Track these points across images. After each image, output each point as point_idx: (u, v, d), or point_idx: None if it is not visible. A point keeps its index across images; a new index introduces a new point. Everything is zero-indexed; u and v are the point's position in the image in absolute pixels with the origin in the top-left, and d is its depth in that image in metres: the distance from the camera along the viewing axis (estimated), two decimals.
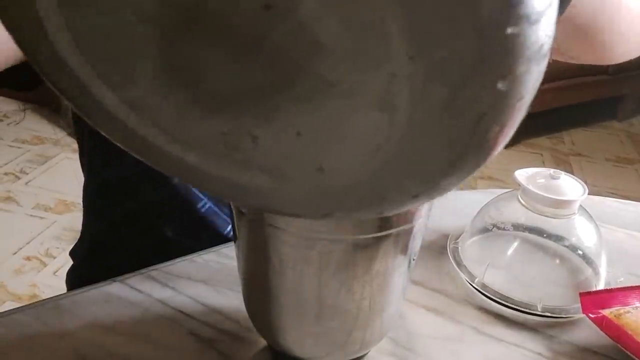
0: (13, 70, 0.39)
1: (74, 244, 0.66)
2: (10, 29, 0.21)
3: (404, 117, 0.18)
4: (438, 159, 0.19)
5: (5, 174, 1.97)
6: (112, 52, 0.20)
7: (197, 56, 0.18)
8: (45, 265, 1.55)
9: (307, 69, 0.17)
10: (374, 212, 0.23)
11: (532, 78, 0.16)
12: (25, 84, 0.44)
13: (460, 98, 0.16)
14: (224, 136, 0.21)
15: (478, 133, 0.17)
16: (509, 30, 0.15)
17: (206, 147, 0.22)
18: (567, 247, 0.48)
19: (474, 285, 0.46)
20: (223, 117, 0.20)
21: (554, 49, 0.41)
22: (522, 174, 0.47)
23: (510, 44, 0.15)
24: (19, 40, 0.21)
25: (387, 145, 0.19)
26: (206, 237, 0.57)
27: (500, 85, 0.16)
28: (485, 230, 0.50)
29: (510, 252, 0.48)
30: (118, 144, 0.25)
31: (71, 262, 0.66)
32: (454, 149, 0.18)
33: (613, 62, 0.44)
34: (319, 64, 0.17)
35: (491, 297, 0.45)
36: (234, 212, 0.33)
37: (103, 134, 0.24)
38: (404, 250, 0.32)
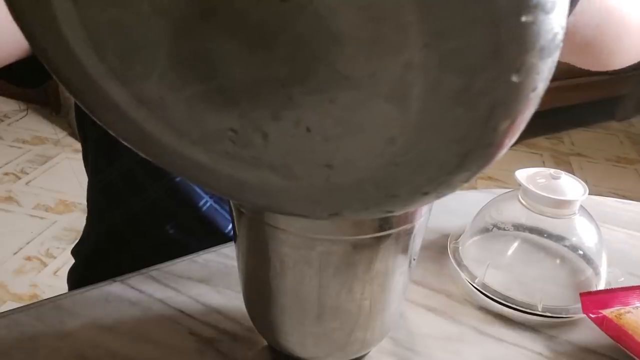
0: (17, 66, 0.39)
1: (74, 243, 0.66)
2: (20, 22, 0.21)
3: (417, 108, 0.18)
4: (450, 152, 0.19)
5: (6, 174, 1.97)
6: (125, 46, 0.20)
7: (212, 49, 0.18)
8: (45, 265, 1.55)
9: (322, 61, 0.17)
10: (382, 211, 0.23)
11: (545, 68, 0.16)
12: (30, 81, 0.43)
13: (474, 87, 0.16)
14: (234, 133, 0.21)
15: (490, 125, 0.17)
16: (524, 18, 0.15)
17: (216, 144, 0.22)
18: (567, 247, 0.48)
19: (474, 285, 0.46)
20: (234, 113, 0.20)
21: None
22: (522, 174, 0.47)
23: (525, 32, 0.15)
24: (28, 34, 0.21)
25: (399, 138, 0.19)
26: (207, 235, 0.58)
27: (514, 74, 0.16)
28: (485, 230, 0.50)
29: (510, 252, 0.48)
30: (124, 142, 0.25)
31: (72, 262, 0.66)
32: (467, 142, 0.18)
33: (613, 69, 0.44)
34: (334, 55, 0.17)
35: (491, 297, 0.45)
36: (234, 212, 0.33)
37: (109, 130, 0.24)
38: (405, 250, 0.32)
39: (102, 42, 0.20)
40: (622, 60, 0.43)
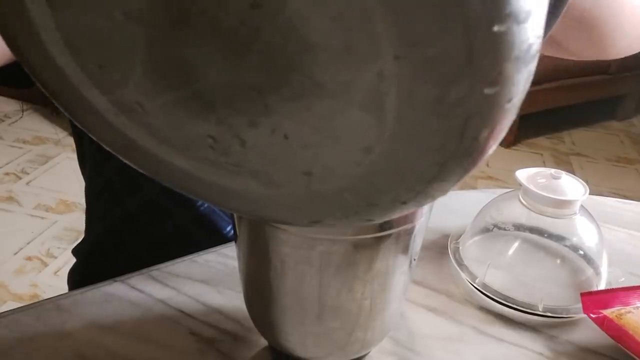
0: (9, 68, 0.39)
1: (75, 243, 0.66)
2: (0, 27, 0.21)
3: (392, 119, 0.18)
4: (427, 162, 0.18)
5: (7, 174, 1.97)
6: (101, 53, 0.20)
7: (185, 56, 0.18)
8: (46, 265, 1.55)
9: (295, 69, 0.17)
10: (362, 220, 0.23)
11: (521, 79, 0.16)
12: (25, 81, 0.44)
13: (448, 98, 0.16)
14: (213, 140, 0.21)
15: (466, 135, 0.17)
16: (496, 28, 0.14)
17: (195, 151, 0.22)
18: (568, 247, 0.48)
19: (474, 285, 0.46)
20: (212, 120, 0.20)
21: (556, 45, 0.40)
22: (522, 174, 0.47)
23: (497, 42, 0.15)
24: (9, 40, 0.21)
25: (375, 147, 0.19)
26: (206, 236, 0.58)
27: (488, 86, 0.16)
28: (486, 230, 0.50)
29: (511, 252, 0.48)
30: (106, 147, 0.25)
31: (72, 262, 0.66)
32: (443, 152, 0.18)
33: (614, 57, 0.44)
34: (307, 63, 0.17)
35: (492, 297, 0.45)
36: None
37: (93, 137, 0.24)
38: (405, 249, 0.32)
39: (79, 48, 0.20)
40: (619, 46, 0.42)
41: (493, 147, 0.18)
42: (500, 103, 0.16)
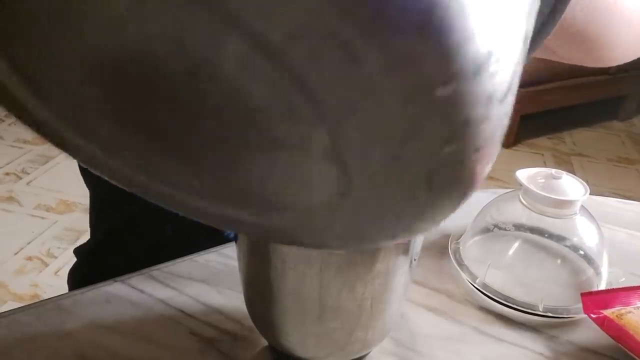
0: None
1: (75, 243, 0.67)
2: None
3: (355, 171, 0.17)
4: (401, 209, 0.18)
5: (7, 174, 1.97)
6: (68, 108, 0.20)
7: (142, 117, 0.18)
8: (46, 265, 1.55)
9: (249, 126, 0.17)
10: (358, 247, 0.23)
11: (488, 125, 0.14)
12: None
13: (403, 158, 0.15)
14: (197, 181, 0.21)
15: (434, 187, 0.16)
16: (440, 93, 0.12)
17: (182, 186, 0.22)
18: (568, 247, 0.48)
19: (475, 285, 0.46)
20: (189, 168, 0.20)
21: (550, 52, 0.40)
22: (523, 174, 0.47)
23: (443, 106, 0.13)
24: None
25: (348, 194, 0.18)
26: (205, 236, 0.58)
27: (445, 144, 0.14)
28: (486, 230, 0.50)
29: (511, 252, 0.48)
30: (96, 173, 0.25)
31: (72, 262, 0.66)
32: (415, 202, 0.17)
33: (609, 65, 0.44)
34: (257, 122, 0.17)
35: (492, 297, 0.45)
36: None
37: (78, 161, 0.25)
38: (406, 250, 0.32)
39: (49, 103, 0.20)
40: (616, 55, 0.42)
41: (474, 187, 0.17)
42: (464, 155, 0.15)
